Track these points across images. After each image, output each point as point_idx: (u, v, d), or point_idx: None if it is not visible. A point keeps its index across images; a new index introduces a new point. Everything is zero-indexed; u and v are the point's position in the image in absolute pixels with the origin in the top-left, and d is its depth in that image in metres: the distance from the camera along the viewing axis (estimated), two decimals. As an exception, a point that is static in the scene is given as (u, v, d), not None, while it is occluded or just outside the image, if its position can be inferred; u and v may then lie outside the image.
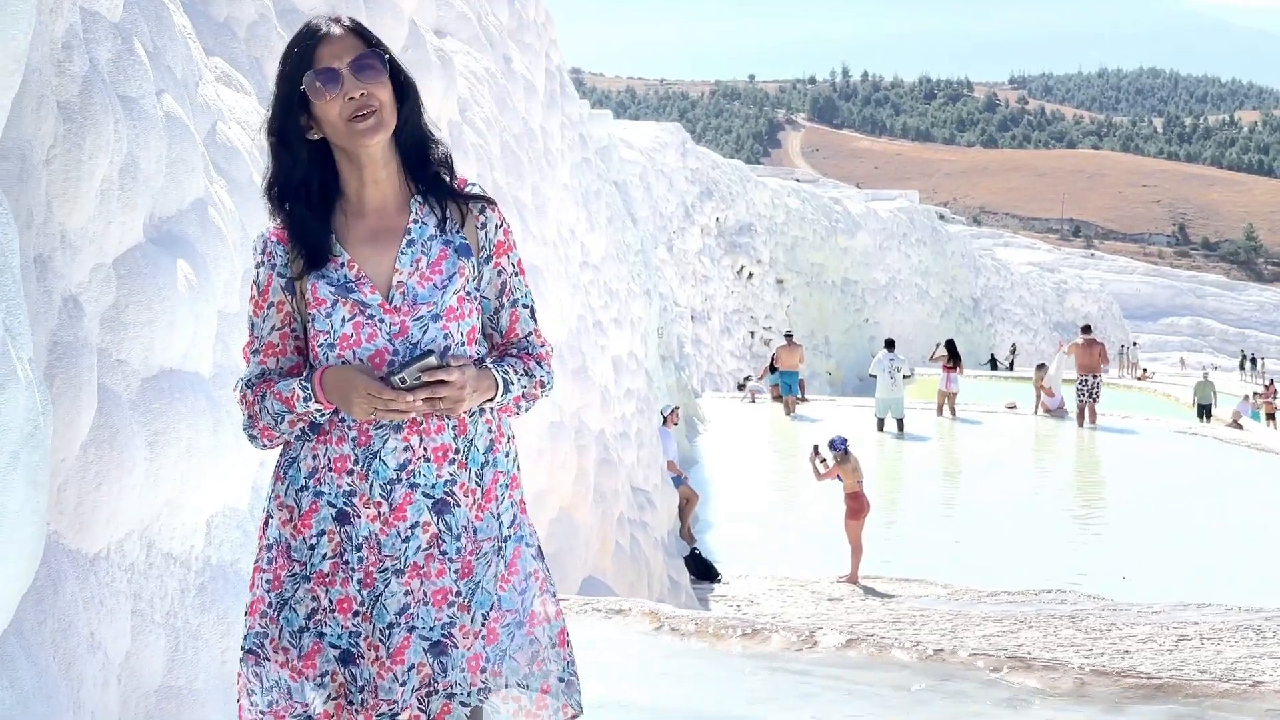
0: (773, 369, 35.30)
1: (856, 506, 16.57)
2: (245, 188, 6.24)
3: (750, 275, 54.01)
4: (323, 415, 3.23)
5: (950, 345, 33.24)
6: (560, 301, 12.67)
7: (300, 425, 3.25)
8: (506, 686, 3.31)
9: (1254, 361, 76.42)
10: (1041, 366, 34.00)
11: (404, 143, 3.33)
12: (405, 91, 3.32)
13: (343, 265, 3.25)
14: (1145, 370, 65.05)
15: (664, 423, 20.77)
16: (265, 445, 3.33)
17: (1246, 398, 45.41)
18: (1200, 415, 39.49)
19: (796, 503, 21.90)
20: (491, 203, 3.42)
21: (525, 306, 3.45)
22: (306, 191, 3.28)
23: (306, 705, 3.24)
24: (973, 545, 18.46)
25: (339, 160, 3.29)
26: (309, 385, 3.20)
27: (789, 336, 37.98)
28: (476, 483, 3.30)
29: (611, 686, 6.15)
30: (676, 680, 6.51)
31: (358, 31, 3.29)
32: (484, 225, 3.38)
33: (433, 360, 3.14)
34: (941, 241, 75.40)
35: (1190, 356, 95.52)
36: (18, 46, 3.34)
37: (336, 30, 3.26)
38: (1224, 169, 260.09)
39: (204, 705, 4.86)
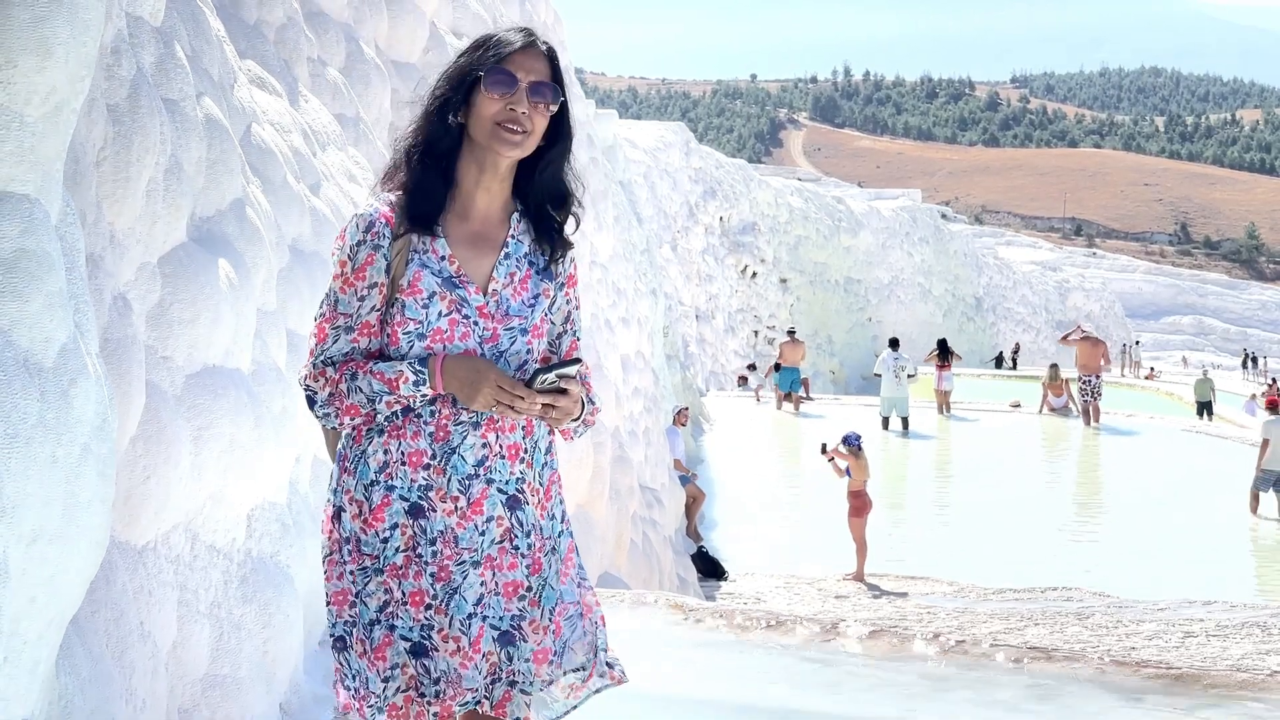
0: (778, 367, 35.39)
1: (859, 504, 16.69)
2: (279, 188, 6.35)
3: (754, 274, 54.09)
4: (422, 402, 3.29)
5: (942, 344, 33.60)
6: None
7: (397, 408, 3.29)
8: (564, 675, 3.42)
9: (1255, 360, 76.45)
10: (1054, 366, 34.01)
11: (541, 181, 3.44)
12: (559, 135, 3.43)
13: (444, 259, 3.34)
14: (1152, 369, 65.07)
15: (673, 422, 20.84)
16: (340, 425, 3.35)
17: (1253, 396, 45.42)
18: (1200, 413, 39.56)
19: (802, 501, 21.98)
20: (569, 244, 3.54)
21: (578, 338, 3.58)
22: (444, 164, 3.38)
23: (379, 697, 3.33)
24: (978, 543, 18.54)
25: (464, 153, 3.38)
26: (424, 370, 3.25)
27: (791, 333, 38.06)
28: (539, 482, 3.44)
29: (635, 677, 6.27)
30: (701, 671, 6.62)
31: (552, 60, 3.40)
32: (563, 256, 3.51)
33: (572, 370, 3.28)
34: (944, 240, 75.44)
35: (1192, 355, 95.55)
36: (89, 53, 3.45)
37: (538, 48, 3.38)
38: (1226, 168, 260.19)
39: (247, 693, 4.98)
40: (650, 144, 48.86)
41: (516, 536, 3.36)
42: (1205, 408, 40.19)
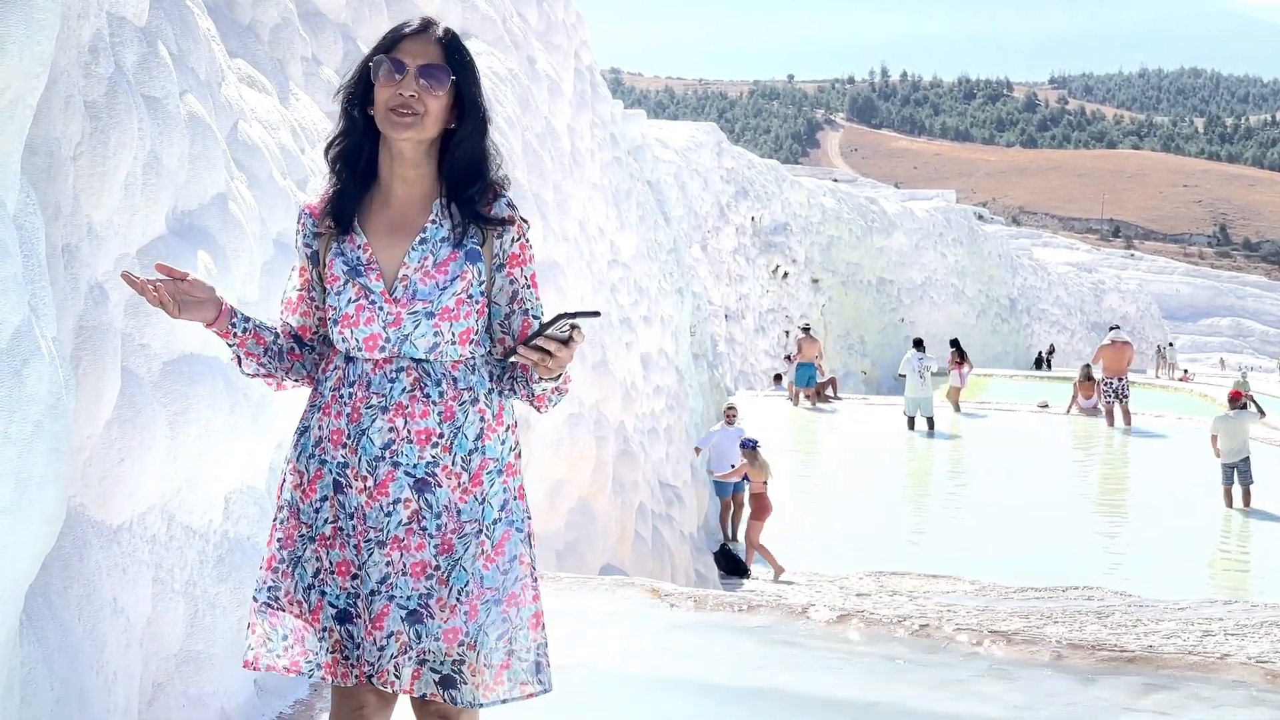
0: (788, 359, 35.49)
1: (759, 507, 17.19)
2: (265, 183, 6.53)
3: (785, 274, 54.11)
4: (227, 345, 3.59)
5: (954, 343, 34.09)
6: (582, 297, 12.92)
7: (234, 353, 3.61)
8: (479, 659, 3.48)
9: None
10: (1087, 367, 33.97)
11: (453, 161, 3.54)
12: (465, 114, 3.53)
13: (359, 247, 3.49)
14: (1186, 372, 64.76)
15: (727, 422, 20.32)
16: (250, 374, 3.67)
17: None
18: (1236, 414, 39.30)
19: (824, 498, 22.08)
20: (511, 222, 3.59)
21: (535, 318, 3.64)
22: (355, 159, 3.52)
23: (315, 653, 3.49)
24: (1000, 541, 18.58)
25: (381, 147, 3.52)
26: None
27: (806, 329, 38.07)
28: (463, 467, 3.51)
29: (612, 658, 6.45)
30: (674, 652, 6.78)
31: (448, 45, 3.51)
32: (500, 236, 3.57)
33: (585, 320, 3.41)
34: (978, 241, 75.23)
35: (1230, 357, 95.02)
36: (43, 51, 3.63)
37: (431, 34, 3.50)
38: (1266, 169, 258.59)
39: (221, 669, 5.16)
40: (681, 144, 48.91)
41: (425, 518, 3.45)
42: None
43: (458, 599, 3.45)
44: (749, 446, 17.68)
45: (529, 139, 12.52)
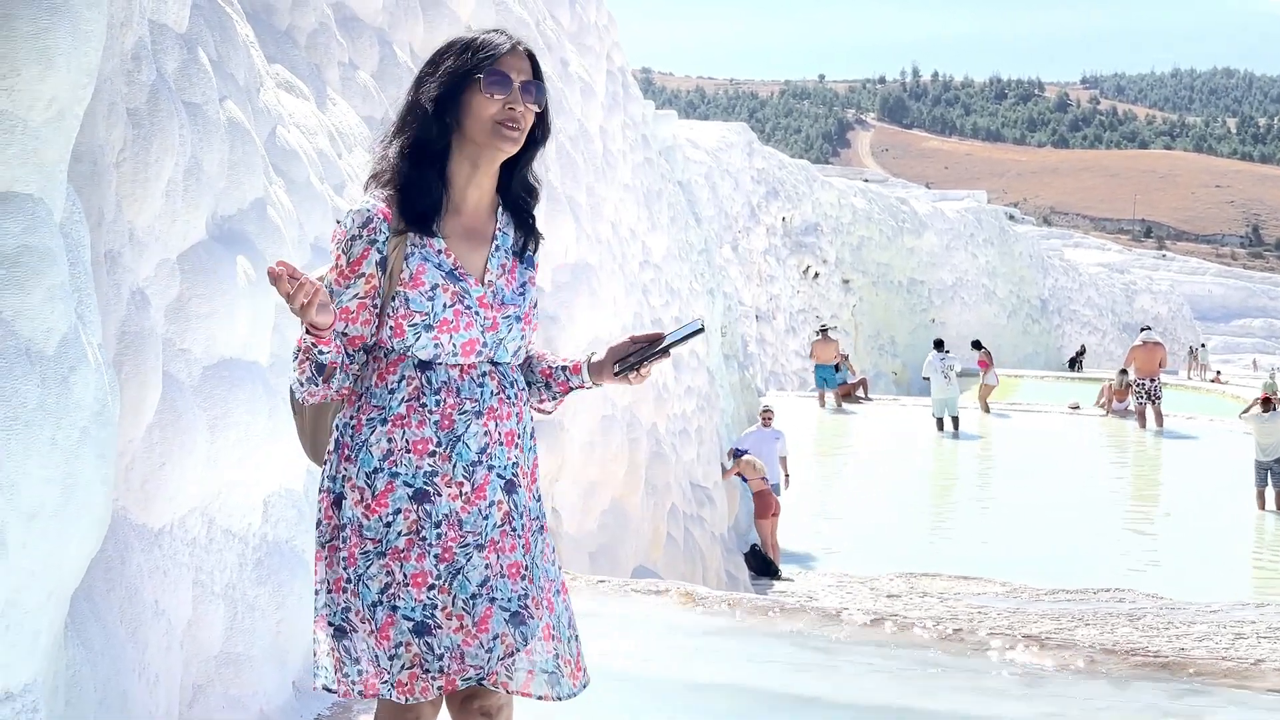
0: (835, 369, 35.44)
1: (762, 505, 17.37)
2: (303, 188, 6.58)
3: (816, 275, 54.05)
4: (321, 354, 3.39)
5: (976, 344, 34.61)
6: (614, 299, 12.96)
7: (309, 365, 3.42)
8: (566, 649, 3.60)
9: (1326, 363, 75.58)
10: (1124, 372, 33.84)
11: (523, 174, 3.63)
12: (543, 131, 3.62)
13: (440, 252, 3.50)
14: (1218, 373, 64.42)
15: (764, 424, 20.36)
16: (302, 396, 3.50)
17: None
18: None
19: (853, 499, 22.08)
20: (542, 236, 3.75)
21: (536, 323, 3.77)
22: (437, 164, 3.53)
23: (389, 673, 3.45)
24: (1031, 543, 18.56)
25: (456, 151, 3.54)
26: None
27: (823, 331, 38.04)
28: (529, 467, 3.62)
29: (645, 662, 6.48)
30: (708, 656, 6.80)
31: (532, 60, 3.58)
32: (536, 249, 3.72)
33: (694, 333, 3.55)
34: (1009, 242, 75.01)
35: (1263, 359, 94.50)
36: (90, 62, 3.68)
37: (521, 50, 3.55)
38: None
39: (260, 670, 5.21)
40: (712, 144, 48.90)
41: (514, 519, 3.52)
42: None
43: (543, 595, 3.54)
44: (739, 455, 18.07)
45: (562, 141, 12.57)
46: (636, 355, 3.55)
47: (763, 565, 17.47)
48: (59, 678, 3.83)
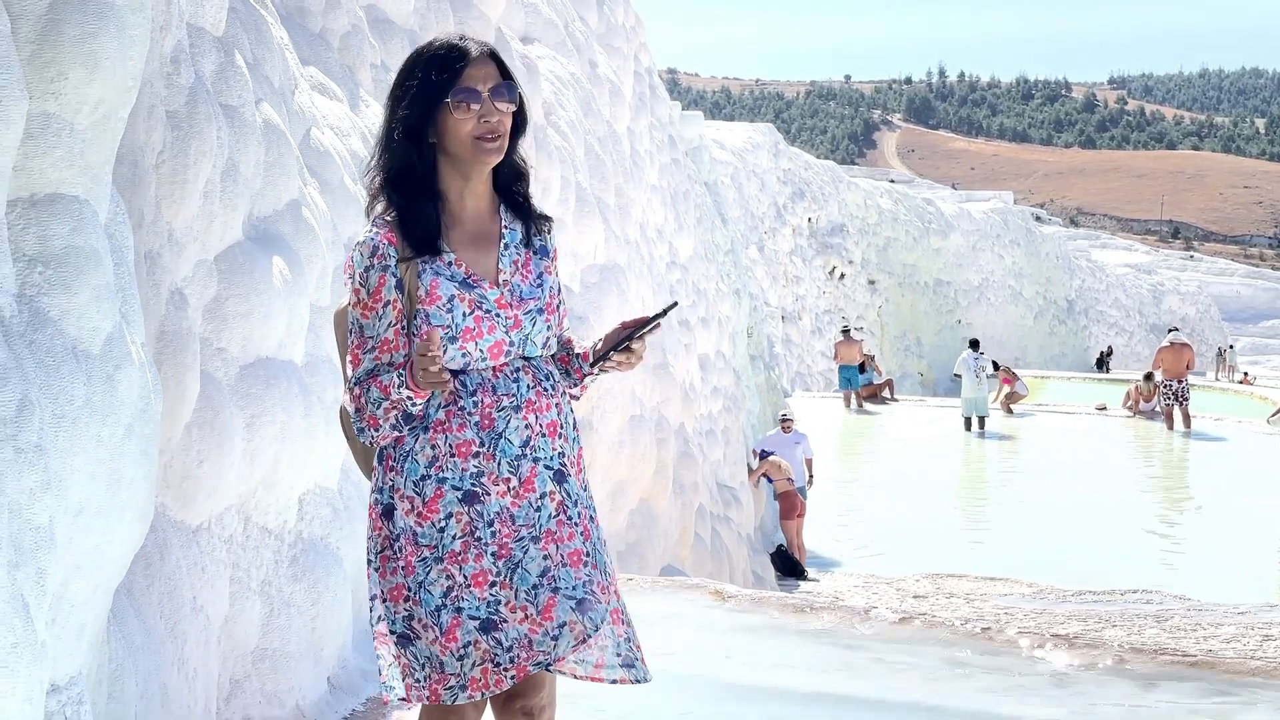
0: (861, 369, 35.42)
1: (787, 505, 17.42)
2: (337, 189, 6.65)
3: (842, 276, 54.04)
4: (414, 404, 3.43)
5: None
6: (643, 300, 13.01)
7: (395, 414, 3.45)
8: (635, 633, 3.68)
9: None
10: (1149, 376, 33.71)
11: (505, 165, 3.63)
12: (522, 123, 3.63)
13: (451, 263, 3.53)
14: (1246, 374, 64.15)
15: (784, 430, 20.15)
16: (373, 438, 3.51)
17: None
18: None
19: (879, 500, 22.09)
20: (549, 218, 3.75)
21: (565, 309, 3.78)
22: (425, 187, 3.54)
23: (458, 675, 3.48)
24: (1058, 544, 18.54)
25: (443, 167, 3.56)
26: (404, 373, 3.41)
27: (846, 331, 38.02)
28: (574, 456, 3.66)
29: (675, 659, 6.52)
30: (737, 655, 6.85)
31: (496, 60, 3.58)
32: (550, 232, 3.74)
33: (666, 313, 3.58)
34: (1035, 243, 74.84)
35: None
36: (134, 66, 3.74)
37: (483, 54, 3.54)
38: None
39: (296, 666, 5.27)
40: (738, 145, 48.93)
41: (569, 508, 3.56)
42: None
43: (607, 579, 3.59)
44: (763, 457, 18.22)
45: (591, 143, 12.62)
46: (621, 341, 3.59)
47: (789, 566, 17.50)
48: (102, 671, 3.90)
